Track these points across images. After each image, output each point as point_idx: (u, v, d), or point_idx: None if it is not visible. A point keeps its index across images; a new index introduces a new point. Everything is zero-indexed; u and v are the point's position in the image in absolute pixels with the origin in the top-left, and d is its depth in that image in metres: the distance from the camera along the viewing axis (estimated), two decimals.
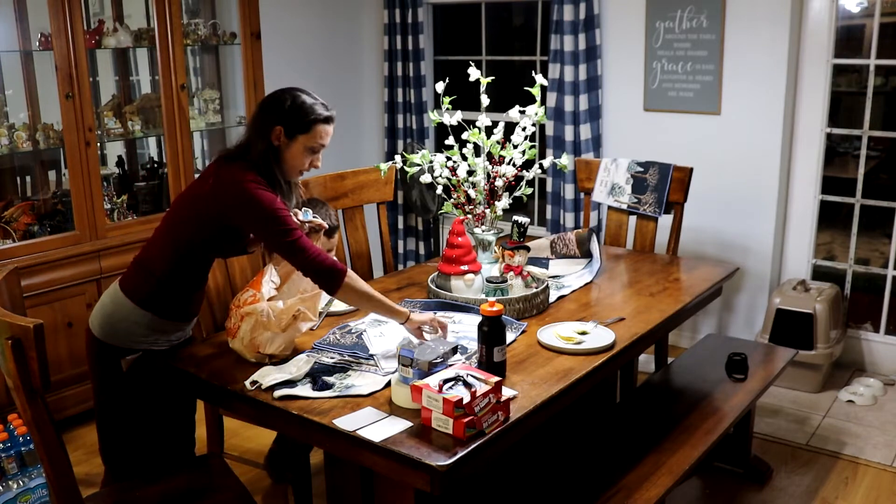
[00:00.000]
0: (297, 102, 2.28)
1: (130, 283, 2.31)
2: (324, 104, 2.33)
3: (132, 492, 2.25)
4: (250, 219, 2.21)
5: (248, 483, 2.99)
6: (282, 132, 2.27)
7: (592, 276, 2.98)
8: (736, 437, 3.13)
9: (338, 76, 5.10)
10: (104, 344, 2.30)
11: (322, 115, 2.30)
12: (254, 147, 2.28)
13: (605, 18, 4.37)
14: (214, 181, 2.24)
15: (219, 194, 2.22)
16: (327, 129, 2.32)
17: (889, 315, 4.10)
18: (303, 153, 2.31)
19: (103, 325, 2.30)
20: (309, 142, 2.30)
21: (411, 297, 2.78)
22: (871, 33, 3.90)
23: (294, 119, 2.27)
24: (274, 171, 2.28)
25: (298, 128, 2.27)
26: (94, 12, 3.98)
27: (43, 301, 3.38)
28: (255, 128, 2.30)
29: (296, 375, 2.13)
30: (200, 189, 2.27)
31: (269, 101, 2.33)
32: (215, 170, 2.27)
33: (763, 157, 4.08)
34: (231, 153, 2.31)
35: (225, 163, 2.28)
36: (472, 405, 1.85)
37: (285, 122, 2.26)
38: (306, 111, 2.28)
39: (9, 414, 2.92)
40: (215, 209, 2.23)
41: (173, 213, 2.33)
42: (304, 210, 2.48)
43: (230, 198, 2.21)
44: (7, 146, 3.45)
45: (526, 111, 2.82)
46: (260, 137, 2.27)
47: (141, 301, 2.28)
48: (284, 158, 2.30)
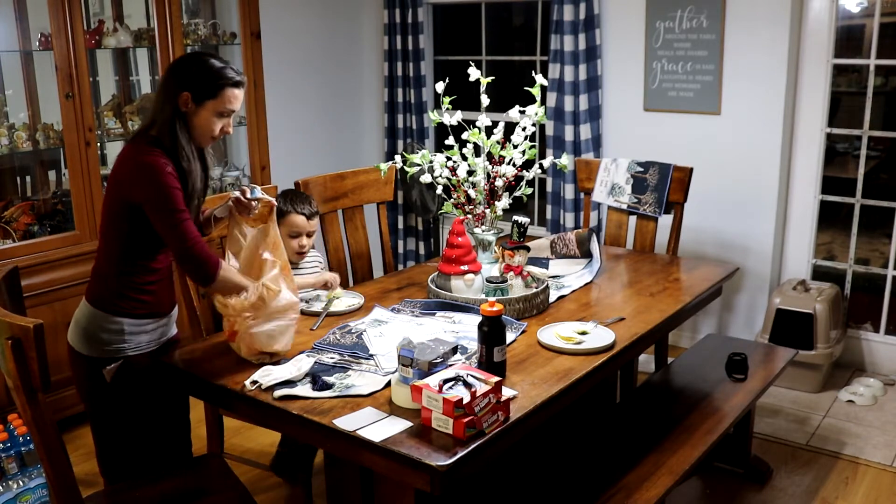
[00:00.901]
0: (205, 67, 2.22)
1: (93, 292, 2.29)
2: (234, 69, 2.27)
3: (132, 492, 2.25)
4: (142, 195, 2.15)
5: (248, 483, 2.99)
6: (189, 98, 2.20)
7: (592, 276, 2.98)
8: (736, 437, 3.13)
9: (338, 76, 5.10)
10: (86, 357, 2.28)
11: (232, 78, 2.24)
12: (159, 116, 2.22)
13: (605, 18, 4.37)
14: (117, 163, 2.20)
15: (119, 175, 2.18)
16: (236, 93, 2.26)
17: (889, 315, 4.10)
18: (212, 119, 2.24)
19: (82, 339, 2.28)
20: (217, 107, 2.23)
21: (411, 297, 2.78)
22: (871, 33, 3.90)
23: (201, 84, 2.21)
24: (179, 139, 2.21)
25: (206, 93, 2.21)
26: (94, 12, 3.98)
27: (43, 301, 3.38)
28: (161, 95, 2.24)
29: (296, 375, 2.13)
30: (114, 176, 2.22)
31: (175, 67, 2.27)
32: (123, 151, 2.22)
33: (763, 157, 4.08)
34: (138, 130, 2.27)
35: (129, 143, 2.23)
36: (472, 405, 1.85)
37: (193, 88, 2.20)
38: (215, 75, 2.22)
39: (9, 414, 2.92)
40: (121, 191, 2.19)
41: (102, 212, 2.29)
42: (253, 187, 2.42)
43: (128, 176, 2.16)
44: (7, 146, 3.45)
45: (526, 111, 2.82)
46: (166, 103, 2.21)
47: (107, 308, 2.25)
48: (193, 125, 2.24)
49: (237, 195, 2.38)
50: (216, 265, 2.18)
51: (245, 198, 2.37)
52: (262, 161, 4.24)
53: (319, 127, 5.03)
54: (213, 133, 2.28)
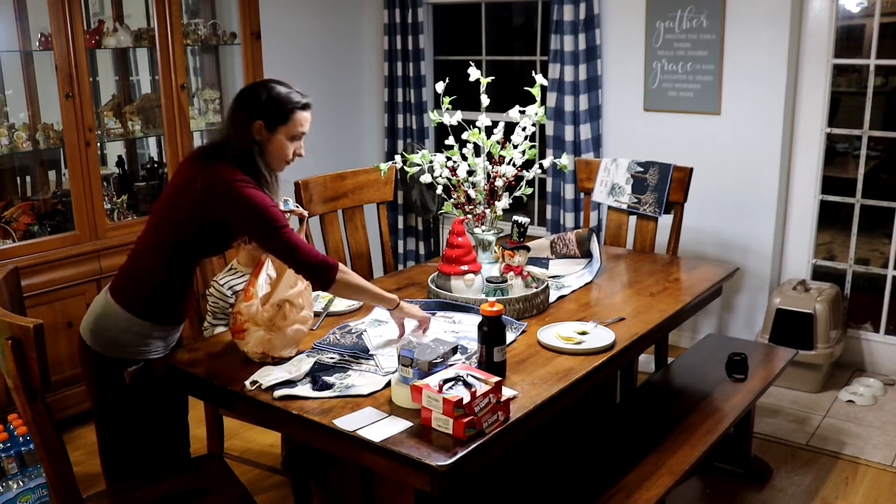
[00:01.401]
0: (273, 94, 2.26)
1: (123, 292, 2.28)
2: (299, 92, 2.31)
3: (132, 492, 2.25)
4: (241, 218, 2.20)
5: (248, 483, 2.99)
6: (262, 126, 2.25)
7: (592, 276, 2.98)
8: (736, 437, 3.13)
9: (338, 76, 5.10)
10: (99, 354, 2.27)
11: (299, 102, 2.29)
12: (235, 144, 2.25)
13: (605, 18, 4.37)
14: (202, 182, 2.21)
15: (208, 195, 2.19)
16: (305, 115, 2.31)
17: (889, 315, 4.10)
18: (285, 144, 2.29)
19: (98, 336, 2.28)
20: (290, 132, 2.28)
21: (411, 297, 2.78)
22: (871, 33, 3.90)
23: (272, 111, 2.25)
24: (258, 166, 2.26)
25: (278, 119, 2.26)
26: (94, 12, 3.98)
27: (43, 301, 3.38)
28: (233, 125, 2.27)
29: (296, 375, 2.13)
30: (187, 191, 2.23)
31: (244, 97, 2.30)
32: (198, 170, 2.23)
33: (763, 157, 4.08)
34: (209, 151, 2.29)
35: (206, 162, 2.25)
36: (472, 405, 1.85)
37: (264, 116, 2.25)
38: (283, 101, 2.26)
39: (9, 414, 2.92)
40: (205, 211, 2.21)
41: (159, 217, 2.30)
42: (285, 200, 2.45)
43: (221, 198, 2.18)
44: (7, 146, 3.45)
45: (526, 111, 2.82)
46: (240, 134, 2.25)
47: (136, 310, 2.26)
48: (268, 151, 2.28)
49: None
50: (334, 268, 2.23)
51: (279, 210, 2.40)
52: None
53: (319, 127, 5.00)
54: (287, 157, 2.33)
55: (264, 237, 2.21)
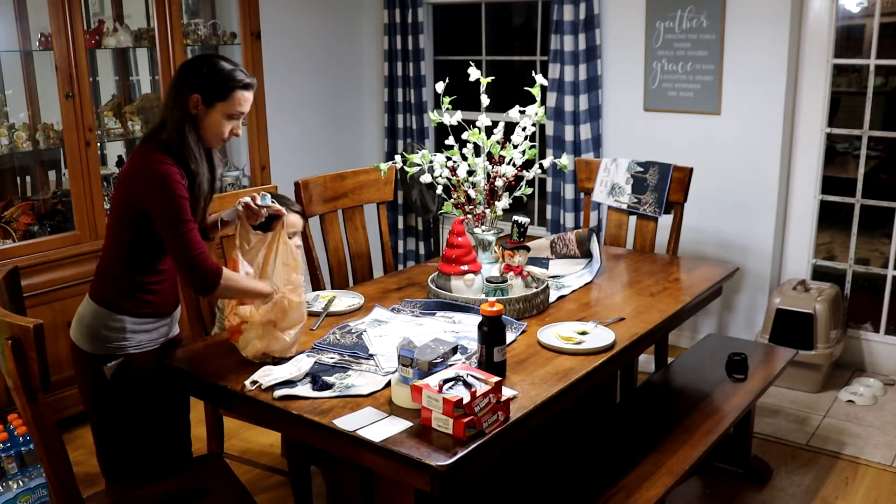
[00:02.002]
0: (215, 69, 2.23)
1: (97, 290, 2.29)
2: (243, 71, 2.28)
3: (132, 492, 2.25)
4: (150, 200, 2.16)
5: (248, 483, 2.99)
6: (199, 100, 2.21)
7: (592, 276, 2.98)
8: (736, 437, 3.13)
9: (338, 76, 5.10)
10: (88, 354, 2.28)
11: (242, 81, 2.24)
12: (169, 118, 2.22)
13: (605, 18, 4.37)
14: (127, 166, 2.21)
15: (129, 179, 2.19)
16: (246, 95, 2.26)
17: (889, 315, 4.10)
18: (222, 120, 2.25)
19: (85, 336, 2.28)
20: (228, 109, 2.24)
21: (411, 297, 2.78)
22: (871, 33, 3.90)
23: (212, 86, 2.21)
24: (188, 141, 2.22)
25: (217, 95, 2.22)
26: (94, 12, 3.98)
27: (43, 301, 3.38)
28: (171, 97, 2.24)
29: (296, 375, 2.13)
30: (122, 177, 2.23)
31: (185, 69, 2.27)
32: (132, 155, 2.23)
33: (763, 157, 4.08)
34: (148, 133, 2.28)
35: (140, 146, 2.24)
36: (472, 405, 1.85)
37: (203, 90, 2.21)
38: (225, 77, 2.22)
39: (9, 414, 2.92)
40: (130, 195, 2.20)
41: (110, 212, 2.29)
42: (263, 195, 2.42)
43: (137, 181, 2.17)
44: (7, 146, 3.45)
45: (526, 111, 2.81)
46: (176, 105, 2.21)
47: (111, 305, 2.26)
48: (203, 127, 2.24)
49: (247, 201, 2.39)
50: (218, 275, 2.17)
51: (255, 204, 2.38)
52: (262, 161, 4.24)
53: (319, 127, 5.03)
54: (222, 135, 2.29)
55: (162, 224, 2.15)
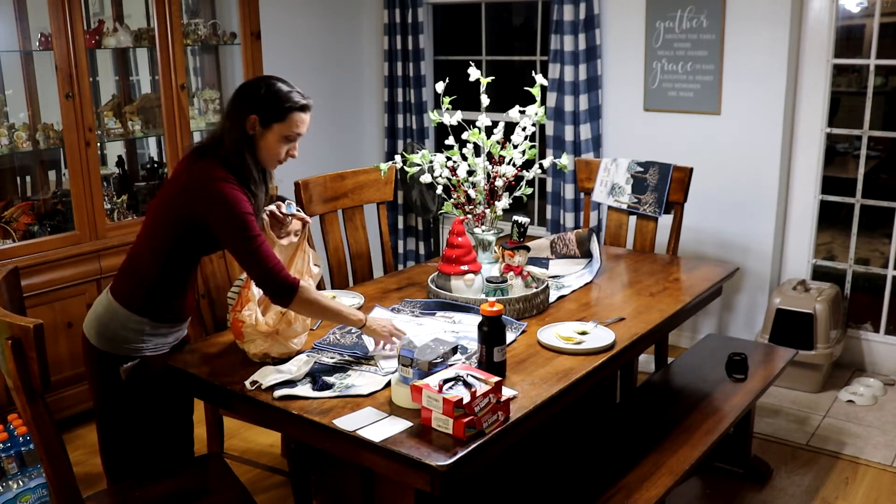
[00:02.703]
0: (273, 90, 2.24)
1: (121, 289, 2.29)
2: (300, 92, 2.28)
3: (132, 492, 2.25)
4: (215, 218, 2.16)
5: (248, 483, 2.99)
6: (257, 121, 2.22)
7: (592, 276, 2.98)
8: (736, 437, 3.13)
9: (338, 76, 5.10)
10: (102, 352, 2.28)
11: (298, 103, 2.25)
12: (227, 137, 2.23)
13: (605, 18, 4.37)
14: (186, 179, 2.21)
15: (188, 193, 2.19)
16: (303, 117, 2.28)
17: (889, 315, 4.10)
18: (278, 142, 2.26)
19: (99, 333, 2.28)
20: (284, 130, 2.25)
21: (411, 297, 2.78)
22: (871, 33, 3.90)
23: (269, 107, 2.22)
24: (247, 162, 2.23)
25: (273, 116, 2.23)
26: (94, 12, 3.98)
27: (43, 301, 3.38)
28: (229, 117, 2.25)
29: (296, 375, 2.13)
30: (176, 188, 2.24)
31: (243, 90, 2.29)
32: (187, 167, 2.23)
33: (763, 157, 4.08)
34: (203, 146, 2.28)
35: (197, 159, 2.24)
36: (472, 405, 1.85)
37: (260, 111, 2.22)
38: (282, 99, 2.23)
39: (9, 414, 2.92)
40: (186, 208, 2.20)
41: (153, 215, 2.29)
42: (288, 203, 2.44)
43: (199, 196, 2.17)
44: (7, 146, 3.45)
45: (526, 111, 2.82)
46: (234, 126, 2.23)
47: (135, 307, 2.26)
48: (259, 147, 2.25)
49: (272, 209, 2.41)
50: (295, 286, 2.17)
51: (280, 213, 2.40)
52: None
53: (319, 127, 5.01)
54: (279, 157, 2.29)
55: (233, 241, 2.16)
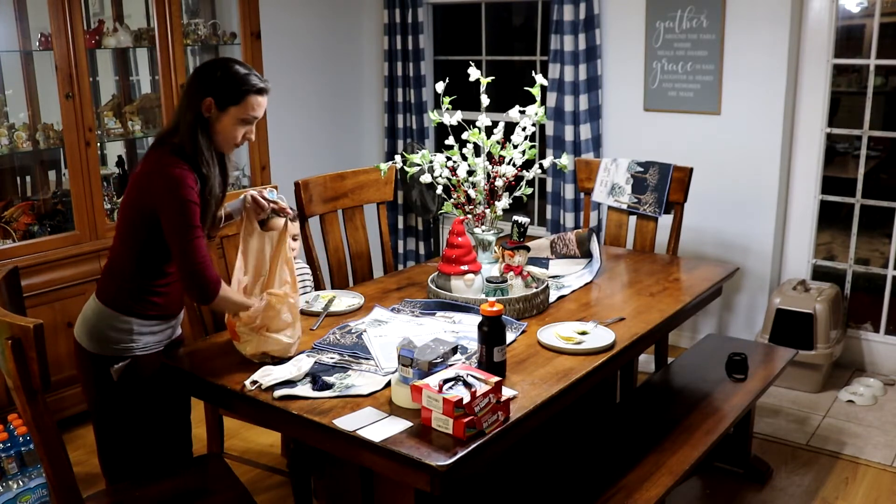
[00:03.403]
0: (230, 73, 2.22)
1: (104, 290, 2.29)
2: (258, 76, 2.27)
3: (132, 492, 2.25)
4: (160, 204, 2.15)
5: (248, 483, 2.99)
6: (212, 104, 2.20)
7: (592, 276, 2.98)
8: (736, 437, 3.13)
9: (338, 76, 5.10)
10: (93, 354, 2.28)
11: (255, 85, 2.24)
12: (182, 122, 2.22)
13: (605, 18, 4.37)
14: (140, 169, 2.21)
15: (141, 183, 2.19)
16: (260, 100, 2.26)
17: (889, 315, 4.10)
18: (234, 125, 2.24)
19: (89, 336, 2.28)
20: (241, 113, 2.23)
21: (411, 297, 2.78)
22: (871, 33, 3.90)
23: (225, 90, 2.21)
24: (199, 144, 2.21)
25: (230, 99, 2.21)
26: (94, 12, 3.98)
27: (43, 301, 3.38)
28: (184, 100, 2.24)
29: (296, 375, 2.13)
30: (134, 180, 2.23)
31: (200, 72, 2.27)
32: (145, 158, 2.23)
33: (763, 157, 4.08)
34: (161, 136, 2.27)
35: (153, 149, 2.23)
36: (472, 405, 1.85)
37: (216, 93, 2.20)
38: (238, 81, 2.22)
39: (9, 414, 2.92)
40: (142, 199, 2.19)
41: (121, 213, 2.29)
42: (271, 190, 2.43)
43: (148, 184, 2.17)
44: (7, 146, 3.45)
45: (526, 111, 2.81)
46: (189, 109, 2.21)
47: (118, 307, 2.26)
48: (216, 130, 2.24)
49: (254, 194, 2.41)
50: (216, 287, 2.18)
51: (263, 197, 2.39)
52: (262, 161, 4.24)
53: (319, 127, 5.03)
54: (235, 140, 2.28)
55: (172, 231, 2.14)
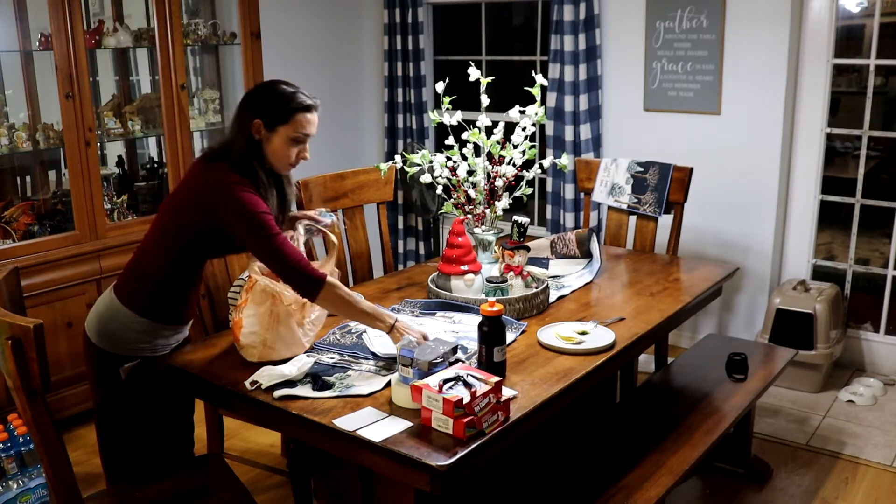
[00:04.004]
0: (275, 93, 2.24)
1: (126, 290, 2.29)
2: (305, 94, 2.29)
3: (132, 492, 2.25)
4: (233, 221, 2.17)
5: (248, 483, 2.99)
6: (261, 125, 2.23)
7: (592, 276, 2.98)
8: (736, 437, 3.13)
9: (338, 76, 5.10)
10: (103, 351, 2.28)
11: (302, 103, 2.25)
12: (235, 144, 2.24)
13: (605, 18, 4.37)
14: (200, 184, 2.21)
15: (203, 197, 2.19)
16: (309, 117, 2.27)
17: (889, 315, 4.10)
18: (286, 145, 2.26)
19: (101, 332, 2.28)
20: (290, 132, 2.25)
21: (411, 297, 2.78)
22: (871, 33, 3.90)
23: (272, 110, 2.23)
24: (256, 168, 2.24)
25: (277, 119, 2.23)
26: (94, 12, 3.98)
27: (43, 301, 3.38)
28: (235, 124, 2.27)
29: (296, 375, 2.13)
30: (187, 192, 2.24)
31: (247, 97, 2.30)
32: (200, 171, 2.24)
33: (763, 157, 4.08)
34: (214, 152, 2.28)
35: (208, 163, 2.24)
36: (472, 405, 1.85)
37: (263, 115, 2.22)
38: (284, 101, 2.24)
39: (9, 414, 2.92)
40: (201, 212, 2.21)
41: (163, 217, 2.30)
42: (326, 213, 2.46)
43: (214, 200, 2.18)
44: (7, 146, 3.45)
45: (526, 111, 2.82)
46: (240, 133, 2.24)
47: (138, 308, 2.26)
48: (268, 151, 2.26)
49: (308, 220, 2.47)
50: (322, 281, 2.17)
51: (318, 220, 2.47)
52: None
53: (319, 127, 4.99)
54: (289, 159, 2.29)
55: (254, 242, 2.17)
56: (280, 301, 2.23)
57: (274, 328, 2.22)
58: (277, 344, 2.24)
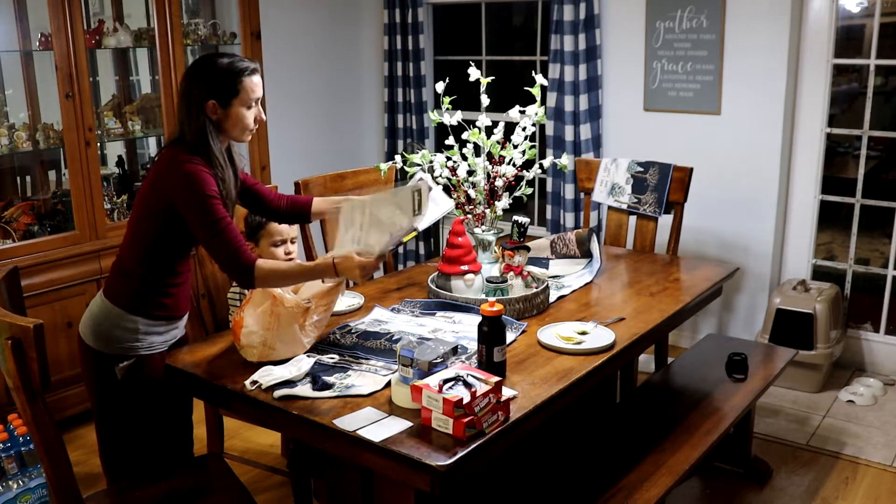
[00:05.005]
0: (218, 69, 2.23)
1: (113, 289, 2.29)
2: (241, 58, 2.28)
3: (132, 492, 2.25)
4: (182, 201, 2.17)
5: (248, 483, 2.99)
6: (216, 105, 2.23)
7: (592, 276, 2.98)
8: (736, 437, 3.13)
9: (338, 76, 5.10)
10: (99, 352, 2.28)
11: (246, 68, 2.25)
12: (189, 126, 2.23)
13: (605, 18, 4.37)
14: (155, 169, 2.22)
15: (158, 180, 2.20)
16: (254, 80, 2.27)
17: (889, 315, 4.10)
18: (244, 113, 2.27)
19: (95, 334, 2.28)
20: (244, 101, 2.25)
21: (411, 297, 2.78)
22: (871, 33, 3.90)
23: (221, 87, 2.22)
24: (213, 149, 2.23)
25: (229, 93, 2.23)
26: (94, 12, 3.98)
27: (43, 301, 3.38)
28: (185, 107, 2.25)
29: (296, 375, 2.13)
30: (150, 180, 2.25)
31: (190, 77, 2.27)
32: (160, 159, 2.25)
33: (763, 157, 4.08)
34: (172, 138, 2.29)
35: (167, 148, 2.26)
36: (472, 405, 1.85)
37: (215, 94, 2.22)
38: (230, 74, 2.23)
39: (9, 414, 2.92)
40: (159, 197, 2.21)
41: (134, 212, 2.30)
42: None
43: (167, 182, 2.18)
44: (7, 146, 3.45)
45: (526, 111, 2.82)
46: (193, 117, 2.23)
47: (126, 306, 2.26)
48: (228, 127, 2.27)
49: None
50: (251, 266, 2.17)
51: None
52: (263, 161, 4.24)
53: (319, 127, 5.03)
54: (249, 126, 2.30)
55: (198, 223, 2.16)
56: (281, 302, 2.23)
57: (274, 328, 2.22)
58: (277, 344, 2.24)
